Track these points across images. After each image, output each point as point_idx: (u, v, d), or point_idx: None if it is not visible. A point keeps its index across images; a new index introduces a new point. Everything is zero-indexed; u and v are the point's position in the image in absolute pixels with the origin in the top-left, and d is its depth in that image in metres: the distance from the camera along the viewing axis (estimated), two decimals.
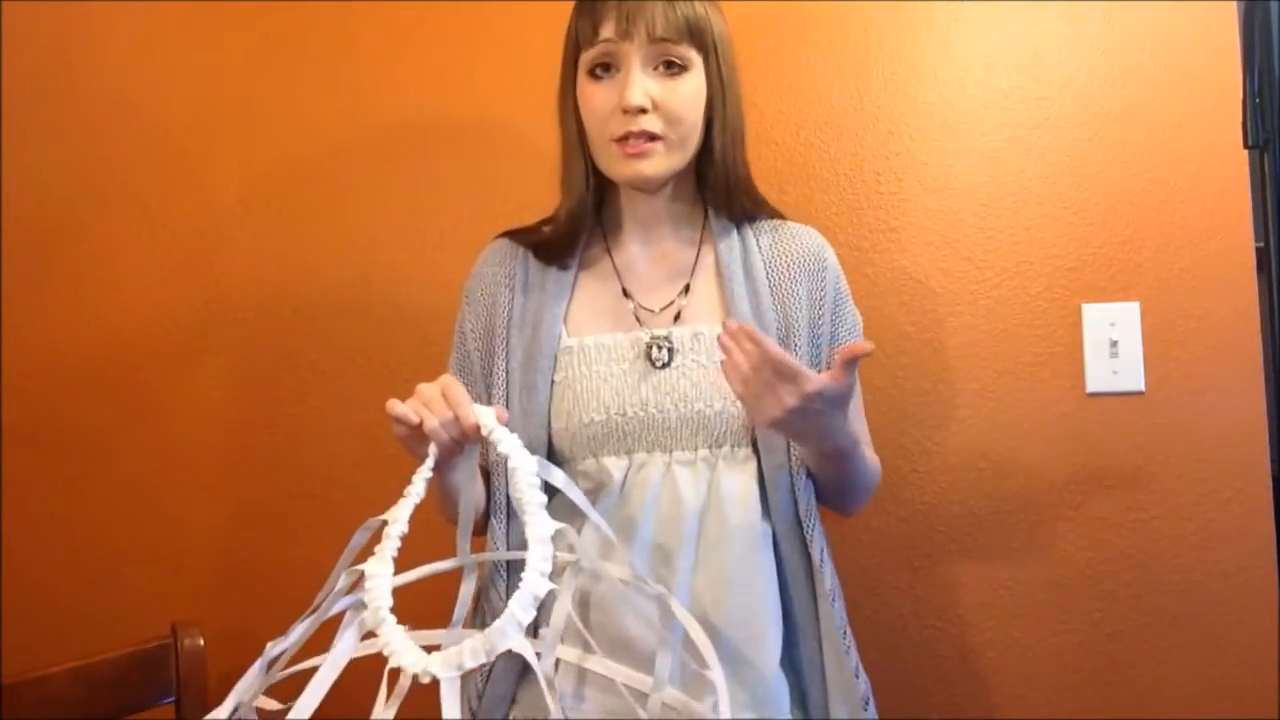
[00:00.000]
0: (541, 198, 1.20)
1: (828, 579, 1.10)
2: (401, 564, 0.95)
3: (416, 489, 0.92)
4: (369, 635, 0.86)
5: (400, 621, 0.86)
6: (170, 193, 1.64)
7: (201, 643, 1.29)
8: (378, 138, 1.61)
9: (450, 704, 0.76)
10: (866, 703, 1.11)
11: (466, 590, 1.02)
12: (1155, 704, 1.41)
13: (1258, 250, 1.39)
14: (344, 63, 1.62)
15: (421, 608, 1.03)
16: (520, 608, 0.79)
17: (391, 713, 0.93)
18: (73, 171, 1.65)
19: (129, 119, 1.65)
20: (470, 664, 0.78)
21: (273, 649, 0.89)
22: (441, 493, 1.07)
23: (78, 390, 1.63)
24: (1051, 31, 1.47)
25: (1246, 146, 0.94)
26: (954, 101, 1.49)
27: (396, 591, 0.93)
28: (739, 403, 1.08)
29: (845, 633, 1.10)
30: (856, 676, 1.10)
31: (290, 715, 0.80)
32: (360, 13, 1.61)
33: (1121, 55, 1.45)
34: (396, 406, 0.94)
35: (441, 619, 1.01)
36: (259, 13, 1.63)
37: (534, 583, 0.80)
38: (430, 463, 0.94)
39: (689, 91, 1.10)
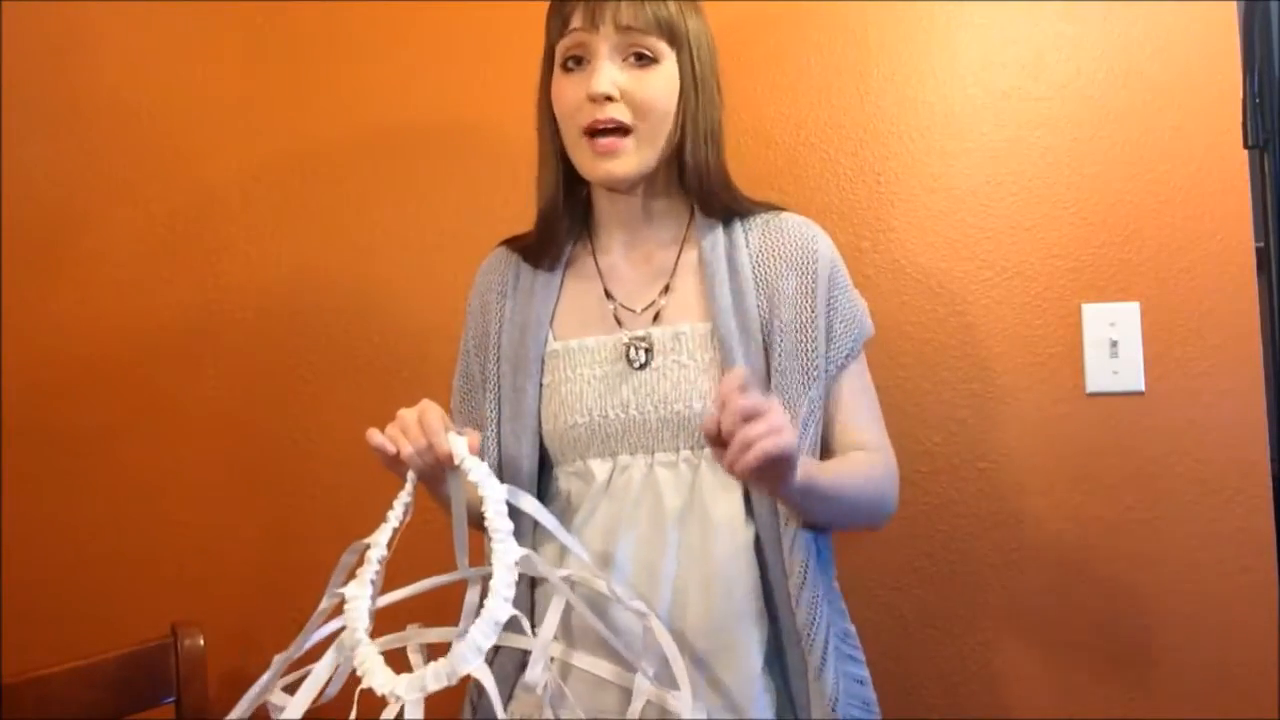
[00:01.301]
0: None
1: (807, 584, 1.05)
2: (406, 578, 1.00)
3: (395, 514, 0.96)
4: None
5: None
6: (170, 193, 1.64)
7: (201, 643, 1.30)
8: (378, 138, 1.61)
9: None
10: (867, 705, 1.10)
11: (470, 600, 1.05)
12: (1155, 704, 1.41)
13: (1258, 250, 1.39)
14: (344, 63, 1.62)
15: (437, 614, 1.05)
16: (481, 634, 0.83)
17: None
18: (73, 171, 1.65)
19: (129, 119, 1.65)
20: (433, 686, 0.82)
21: (278, 660, 0.93)
22: (442, 505, 1.07)
23: (78, 390, 1.63)
24: (1051, 31, 1.47)
25: (1246, 146, 0.94)
26: (954, 101, 1.49)
27: (413, 601, 0.98)
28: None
29: (814, 638, 1.04)
30: (830, 684, 1.04)
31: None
32: (360, 13, 1.61)
33: (1121, 55, 1.45)
34: (375, 437, 0.98)
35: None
36: (259, 13, 1.63)
37: (496, 609, 0.84)
38: (409, 488, 0.98)
39: (658, 83, 1.09)
